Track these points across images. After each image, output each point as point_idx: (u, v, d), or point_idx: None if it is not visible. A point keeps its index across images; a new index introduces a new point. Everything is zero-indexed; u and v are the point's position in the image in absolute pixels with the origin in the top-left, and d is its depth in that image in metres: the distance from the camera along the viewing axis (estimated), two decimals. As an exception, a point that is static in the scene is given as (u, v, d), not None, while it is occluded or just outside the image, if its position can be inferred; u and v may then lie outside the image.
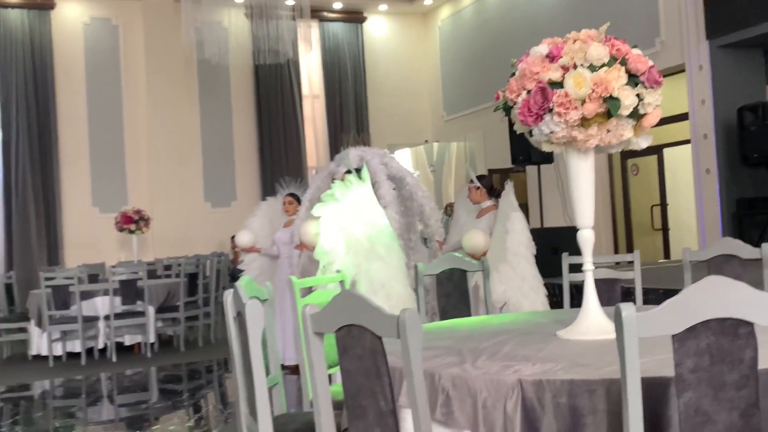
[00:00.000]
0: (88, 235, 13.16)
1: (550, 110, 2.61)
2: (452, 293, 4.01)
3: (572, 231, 9.26)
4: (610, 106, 2.57)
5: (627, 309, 1.61)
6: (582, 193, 2.75)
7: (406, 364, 1.78)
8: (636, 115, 2.64)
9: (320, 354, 2.03)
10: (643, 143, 2.76)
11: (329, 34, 15.37)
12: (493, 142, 13.72)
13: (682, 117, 9.90)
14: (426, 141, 15.58)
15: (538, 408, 2.00)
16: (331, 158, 11.49)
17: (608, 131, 2.65)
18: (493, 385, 2.06)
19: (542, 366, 2.17)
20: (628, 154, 12.18)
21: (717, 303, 1.61)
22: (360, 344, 1.90)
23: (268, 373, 2.51)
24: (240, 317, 2.38)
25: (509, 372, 2.11)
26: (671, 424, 1.86)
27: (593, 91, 2.56)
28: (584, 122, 2.62)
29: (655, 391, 1.88)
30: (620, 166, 12.19)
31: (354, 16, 15.60)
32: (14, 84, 12.85)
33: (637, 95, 2.61)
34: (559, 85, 2.61)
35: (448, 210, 12.38)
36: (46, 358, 8.28)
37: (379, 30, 15.96)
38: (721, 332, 1.64)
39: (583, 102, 2.57)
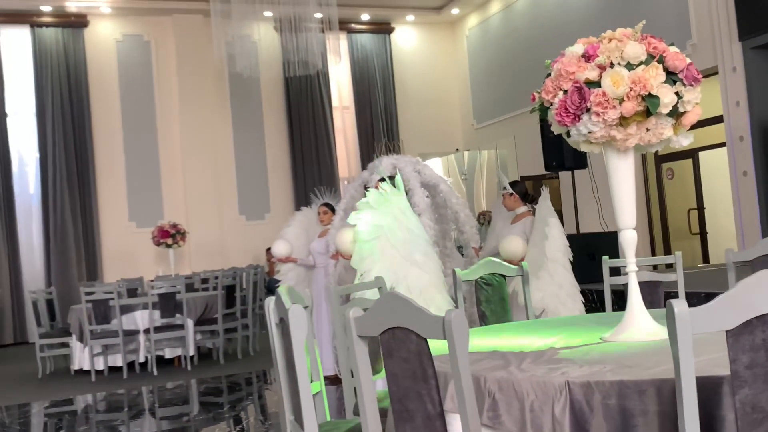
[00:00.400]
0: (125, 250, 13.34)
1: (588, 110, 2.59)
2: (491, 299, 3.99)
3: (608, 236, 9.21)
4: (649, 104, 2.54)
5: (679, 305, 1.58)
6: (623, 193, 2.71)
7: (453, 366, 1.77)
8: (675, 113, 2.61)
9: (365, 358, 2.02)
10: (684, 141, 2.72)
11: (358, 46, 15.46)
12: (524, 149, 13.66)
13: (717, 120, 9.76)
14: (457, 150, 15.56)
15: (587, 410, 1.97)
16: (362, 169, 11.51)
17: (647, 130, 2.62)
18: (541, 388, 2.03)
19: (590, 368, 2.15)
20: (662, 158, 12.05)
21: (772, 297, 1.58)
22: (405, 347, 1.90)
23: (311, 380, 2.51)
24: (283, 323, 2.39)
25: (556, 374, 2.09)
26: (725, 425, 1.83)
27: (631, 90, 2.53)
28: (623, 121, 2.59)
29: (707, 390, 1.84)
30: (655, 171, 12.05)
31: (382, 27, 15.67)
32: (50, 101, 13.10)
33: (676, 93, 2.58)
34: (596, 84, 2.59)
35: (481, 218, 12.33)
36: (88, 372, 8.37)
37: (407, 40, 16.01)
38: (776, 327, 1.61)
39: (621, 101, 2.55)
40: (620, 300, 5.55)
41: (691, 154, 11.84)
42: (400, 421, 1.97)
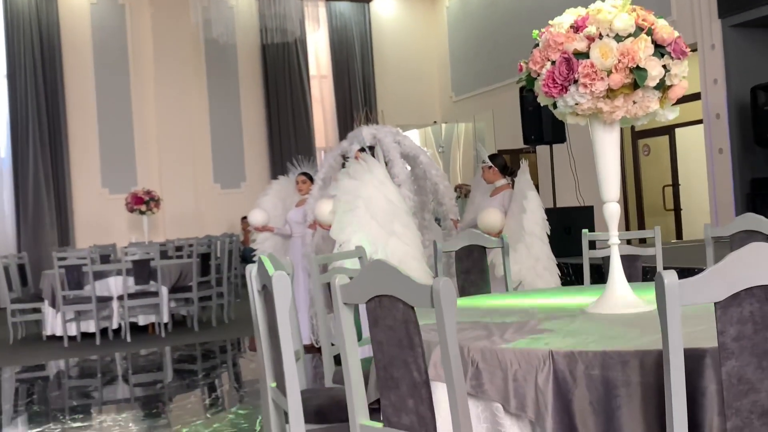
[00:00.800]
0: (98, 217, 13.19)
1: (575, 81, 2.58)
2: (471, 270, 3.99)
3: (585, 211, 9.23)
4: (637, 77, 2.53)
5: (669, 276, 1.58)
6: (607, 166, 2.71)
7: (441, 335, 1.76)
8: (662, 87, 2.61)
9: (350, 325, 2.01)
10: (669, 115, 2.72)
11: (336, 14, 15.29)
12: (503, 122, 13.66)
13: (694, 97, 9.82)
14: (434, 122, 15.52)
15: (570, 380, 1.98)
16: (340, 139, 11.44)
17: (634, 103, 2.62)
18: (524, 358, 2.04)
19: (573, 338, 2.16)
20: (639, 135, 12.12)
21: (761, 270, 1.59)
22: (392, 315, 1.89)
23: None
24: (266, 290, 2.37)
25: (539, 344, 2.10)
26: (706, 395, 1.84)
27: (619, 62, 2.52)
28: (610, 93, 2.58)
29: (690, 362, 1.85)
30: (631, 147, 12.12)
31: (361, -4, 15.52)
32: (23, 65, 12.84)
33: (664, 66, 2.58)
34: (584, 55, 2.57)
35: (458, 191, 12.34)
36: (60, 338, 8.30)
37: (387, 10, 15.87)
38: (765, 299, 1.62)
39: (609, 73, 2.54)
40: (597, 273, 5.60)
41: (668, 130, 11.91)
42: (385, 389, 1.97)
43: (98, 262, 8.95)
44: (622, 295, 2.58)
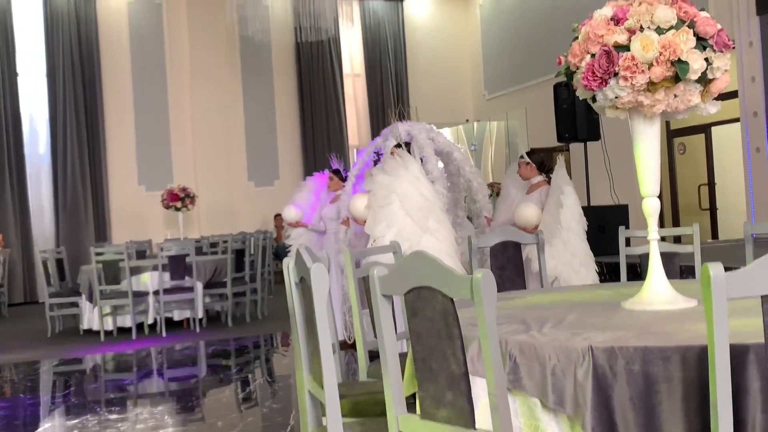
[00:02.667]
0: (134, 213, 13.36)
1: (616, 74, 2.54)
2: (506, 266, 3.98)
3: (619, 209, 9.12)
4: (679, 70, 2.49)
5: (715, 268, 1.56)
6: (647, 160, 2.67)
7: (480, 327, 1.75)
8: (704, 80, 2.57)
9: (389, 317, 2.01)
10: (711, 109, 2.68)
11: (370, 12, 15.31)
12: (535, 120, 13.58)
13: (731, 95, 9.67)
14: (467, 120, 15.47)
15: (610, 375, 1.96)
16: (372, 137, 11.45)
17: (675, 96, 2.58)
18: (563, 352, 2.02)
19: (612, 333, 2.13)
20: (674, 133, 11.96)
21: (809, 262, 1.55)
22: (431, 306, 1.88)
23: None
24: (303, 282, 2.38)
25: (579, 339, 2.08)
26: (750, 392, 1.81)
27: (661, 54, 2.48)
28: (651, 87, 2.54)
29: (732, 359, 1.82)
30: (666, 145, 11.96)
31: (395, -6, 15.52)
32: (61, 62, 13.04)
33: (706, 59, 2.54)
34: (624, 48, 2.54)
35: (490, 189, 12.28)
36: (97, 332, 8.43)
37: (420, 8, 15.85)
38: (814, 293, 1.58)
39: (650, 66, 2.50)
40: (632, 272, 5.53)
41: (704, 129, 11.74)
42: (423, 381, 1.97)
43: (134, 258, 9.06)
44: (662, 291, 2.55)
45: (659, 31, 2.52)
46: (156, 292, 8.44)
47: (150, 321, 8.58)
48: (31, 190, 12.96)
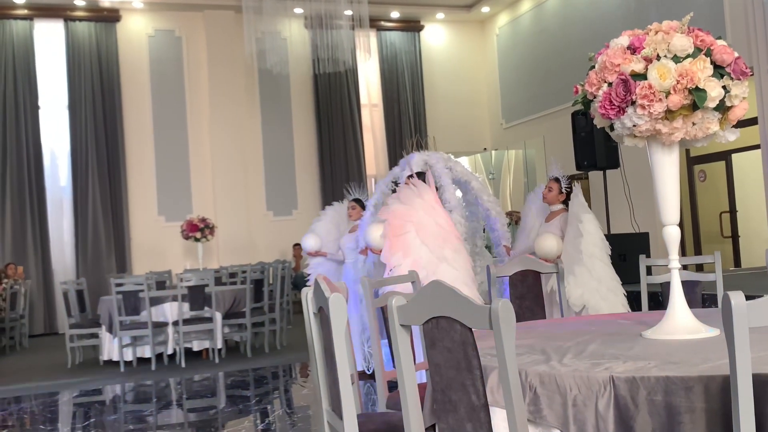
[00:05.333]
0: (154, 243, 13.45)
1: (633, 103, 2.55)
2: (526, 296, 3.95)
3: (640, 237, 9.03)
4: (696, 98, 2.49)
5: (736, 297, 1.54)
6: (666, 188, 2.66)
7: (500, 357, 1.74)
8: (722, 108, 2.56)
9: (407, 347, 2.00)
10: (730, 136, 2.67)
11: (387, 44, 15.45)
12: (553, 148, 13.57)
13: (751, 122, 9.62)
14: (485, 149, 15.49)
15: (632, 406, 1.94)
16: (390, 167, 11.48)
17: (693, 124, 2.57)
18: (584, 383, 2.00)
19: (634, 364, 2.11)
20: (694, 160, 11.90)
21: (832, 291, 1.54)
22: (449, 336, 1.87)
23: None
24: (322, 312, 2.38)
25: (600, 369, 2.05)
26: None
27: (678, 83, 2.48)
28: (668, 115, 2.54)
29: (755, 388, 1.79)
30: (687, 173, 11.90)
31: (411, 25, 15.65)
32: (82, 94, 13.25)
33: (723, 87, 2.53)
34: (641, 77, 2.54)
35: (508, 217, 12.26)
36: (117, 363, 8.44)
37: (437, 38, 15.96)
38: (837, 322, 1.56)
39: (668, 94, 2.50)
40: (653, 301, 5.47)
41: (724, 156, 11.67)
42: (443, 412, 1.95)
43: (154, 288, 9.09)
44: (684, 320, 2.52)
45: (676, 59, 2.52)
46: (175, 323, 8.46)
47: (169, 351, 8.59)
48: (52, 221, 13.09)
